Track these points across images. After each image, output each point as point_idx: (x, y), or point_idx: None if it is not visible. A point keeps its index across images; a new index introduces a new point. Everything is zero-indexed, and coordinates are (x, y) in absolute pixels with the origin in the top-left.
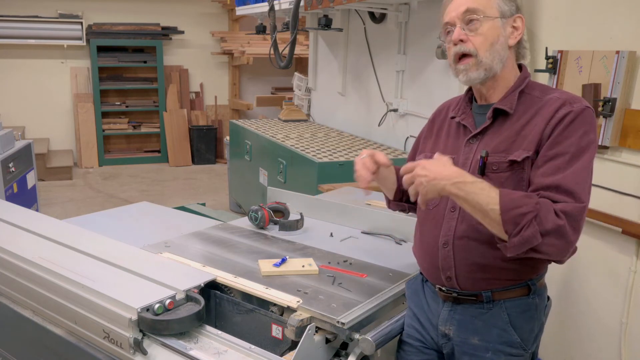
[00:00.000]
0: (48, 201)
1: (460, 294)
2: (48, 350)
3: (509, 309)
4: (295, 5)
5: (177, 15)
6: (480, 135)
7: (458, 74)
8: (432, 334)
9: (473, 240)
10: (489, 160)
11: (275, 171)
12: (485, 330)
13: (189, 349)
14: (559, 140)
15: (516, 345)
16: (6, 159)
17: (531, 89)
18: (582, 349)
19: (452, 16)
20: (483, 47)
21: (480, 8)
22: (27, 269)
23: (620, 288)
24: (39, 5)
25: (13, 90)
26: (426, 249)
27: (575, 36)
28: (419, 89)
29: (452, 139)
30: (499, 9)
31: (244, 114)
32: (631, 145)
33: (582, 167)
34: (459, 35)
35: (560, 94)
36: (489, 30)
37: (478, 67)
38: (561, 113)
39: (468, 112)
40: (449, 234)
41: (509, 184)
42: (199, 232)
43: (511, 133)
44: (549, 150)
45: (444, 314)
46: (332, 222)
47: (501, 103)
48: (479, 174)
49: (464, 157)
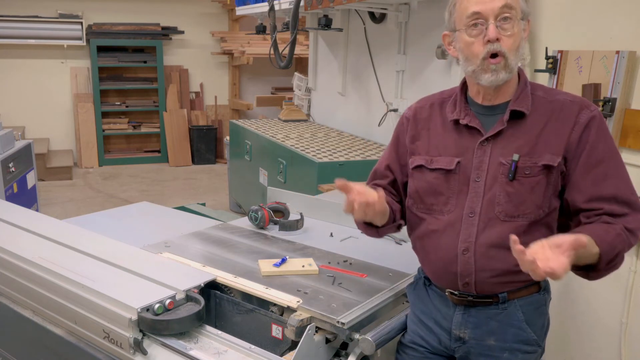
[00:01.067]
0: (48, 201)
1: (475, 297)
2: (48, 350)
3: (523, 307)
4: (295, 5)
5: (177, 15)
6: (492, 137)
7: (486, 73)
8: (443, 338)
9: (495, 247)
10: (520, 165)
11: (275, 171)
12: (501, 330)
13: (189, 349)
14: (594, 146)
15: (532, 342)
16: (6, 159)
17: (534, 89)
18: (582, 349)
19: (486, 8)
20: (513, 49)
21: (515, 6)
22: (27, 269)
23: (620, 288)
24: (39, 5)
25: (13, 90)
26: (441, 255)
27: (575, 36)
28: (419, 89)
29: (454, 140)
30: (522, 9)
31: (244, 114)
32: (631, 145)
33: (624, 170)
34: (497, 33)
35: (571, 97)
36: (517, 32)
37: (506, 69)
38: (584, 118)
39: (470, 113)
40: (469, 240)
41: (539, 187)
42: (199, 232)
43: (530, 136)
44: (589, 158)
45: (458, 317)
46: (332, 222)
47: (517, 104)
48: (509, 179)
49: (477, 160)
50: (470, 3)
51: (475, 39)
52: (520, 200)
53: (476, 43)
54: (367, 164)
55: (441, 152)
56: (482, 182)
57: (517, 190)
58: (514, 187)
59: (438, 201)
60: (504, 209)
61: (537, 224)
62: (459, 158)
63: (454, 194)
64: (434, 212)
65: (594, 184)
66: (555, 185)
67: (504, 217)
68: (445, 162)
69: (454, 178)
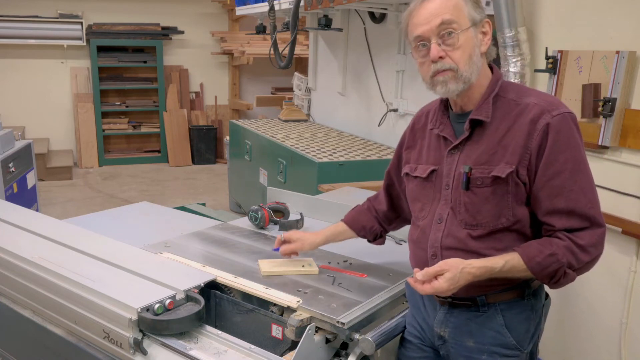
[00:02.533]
0: (48, 201)
1: (455, 299)
2: (48, 350)
3: (503, 311)
4: (295, 5)
5: (177, 15)
6: (461, 145)
7: (435, 86)
8: (429, 335)
9: (459, 251)
10: (473, 175)
11: (275, 171)
12: (479, 332)
13: (189, 349)
14: (553, 156)
15: (511, 346)
16: (6, 159)
17: (505, 92)
18: (582, 349)
19: (425, 30)
20: (462, 60)
21: (454, 19)
22: (27, 269)
23: (620, 288)
24: (39, 5)
25: (13, 90)
26: (418, 260)
27: (575, 36)
28: (419, 89)
29: (433, 150)
30: (470, 17)
31: (244, 114)
32: (631, 145)
33: (587, 181)
34: (438, 52)
35: (538, 99)
36: (465, 42)
37: (457, 80)
38: (542, 124)
39: (446, 122)
40: (435, 245)
41: (494, 197)
42: (199, 232)
43: (491, 143)
44: (546, 170)
45: (440, 316)
46: (332, 222)
47: (477, 113)
48: (464, 189)
49: (447, 168)
50: (412, 27)
51: (424, 59)
52: (476, 210)
53: (425, 63)
54: (367, 164)
55: (423, 160)
56: (450, 190)
57: (472, 200)
58: (469, 197)
59: (416, 208)
60: (463, 218)
61: (503, 231)
62: (436, 166)
63: (428, 201)
64: (415, 219)
65: (549, 197)
66: (519, 194)
67: (464, 225)
68: (421, 170)
69: (429, 186)
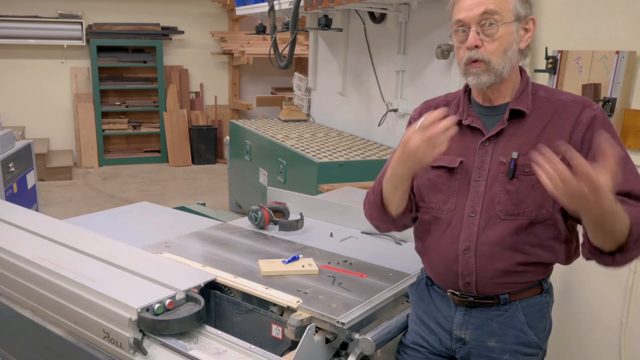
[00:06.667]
0: (48, 201)
1: (476, 297)
2: (48, 350)
3: (524, 309)
4: (295, 5)
5: (177, 15)
6: (494, 137)
7: (468, 76)
8: (444, 339)
9: (496, 246)
10: (520, 162)
11: (275, 171)
12: (502, 332)
13: (189, 349)
14: None
15: (533, 344)
16: (6, 159)
17: (536, 90)
18: (582, 349)
19: (467, 16)
20: (497, 53)
21: (498, 10)
22: (27, 269)
23: (620, 288)
24: (39, 5)
25: (13, 90)
26: (442, 254)
27: (575, 36)
28: (419, 89)
29: (457, 141)
30: (514, 11)
31: (244, 114)
32: (631, 145)
33: (632, 166)
34: (475, 41)
35: (573, 97)
36: (504, 35)
37: (489, 73)
38: (586, 117)
39: (473, 114)
40: (470, 239)
41: (539, 185)
42: (199, 232)
43: (531, 136)
44: (593, 158)
45: (459, 318)
46: (332, 222)
47: (516, 103)
48: (509, 177)
49: (479, 160)
50: (456, 10)
51: (461, 44)
52: (520, 198)
53: (462, 48)
54: (367, 164)
55: (446, 151)
56: (483, 182)
57: (517, 188)
58: (514, 185)
59: (437, 199)
60: (504, 207)
61: (541, 223)
62: (462, 158)
63: (453, 192)
64: (433, 211)
65: None
66: None
67: (504, 215)
68: (448, 160)
69: (455, 177)
